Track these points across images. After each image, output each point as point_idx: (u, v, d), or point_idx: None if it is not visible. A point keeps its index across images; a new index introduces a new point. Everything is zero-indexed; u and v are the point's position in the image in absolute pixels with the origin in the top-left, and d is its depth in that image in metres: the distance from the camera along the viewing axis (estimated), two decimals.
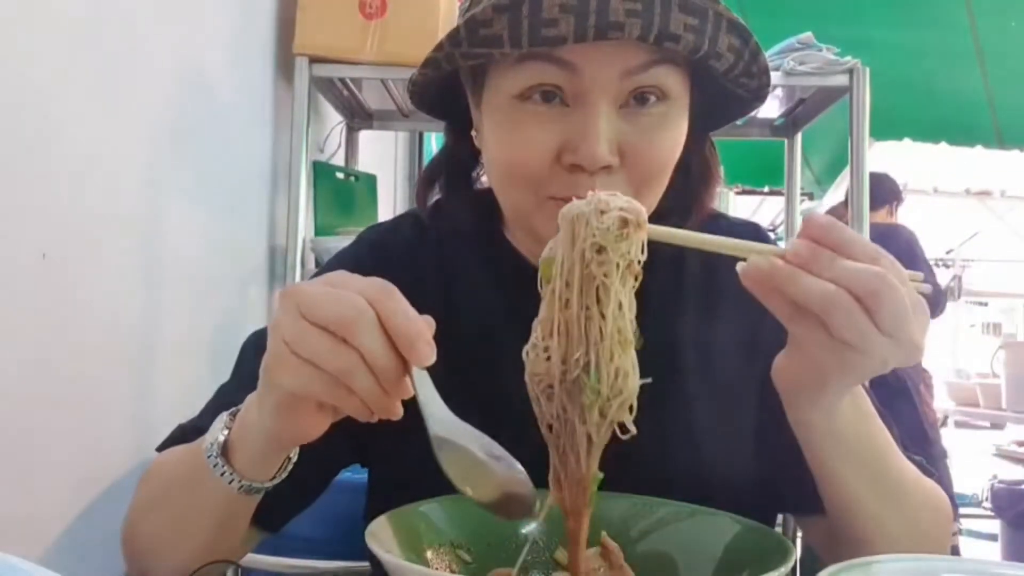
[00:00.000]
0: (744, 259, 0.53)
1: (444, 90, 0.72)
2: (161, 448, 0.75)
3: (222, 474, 0.59)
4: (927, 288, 0.53)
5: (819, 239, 0.51)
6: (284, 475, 0.62)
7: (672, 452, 0.73)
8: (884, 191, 3.72)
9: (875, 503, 0.63)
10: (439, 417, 0.52)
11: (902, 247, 3.58)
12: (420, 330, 0.51)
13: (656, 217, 0.71)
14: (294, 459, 0.62)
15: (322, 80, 1.83)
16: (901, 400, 3.25)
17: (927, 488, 0.69)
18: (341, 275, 0.54)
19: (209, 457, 0.60)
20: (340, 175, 2.08)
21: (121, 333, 1.17)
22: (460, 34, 0.63)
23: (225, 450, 0.60)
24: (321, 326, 0.50)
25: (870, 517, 0.64)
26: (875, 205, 3.57)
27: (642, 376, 0.55)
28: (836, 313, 0.49)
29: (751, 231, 0.83)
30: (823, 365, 0.53)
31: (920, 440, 3.27)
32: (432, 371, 0.54)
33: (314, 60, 1.72)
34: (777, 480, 0.74)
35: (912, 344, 0.50)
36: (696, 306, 0.78)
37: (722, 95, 0.70)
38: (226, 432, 0.60)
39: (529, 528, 0.65)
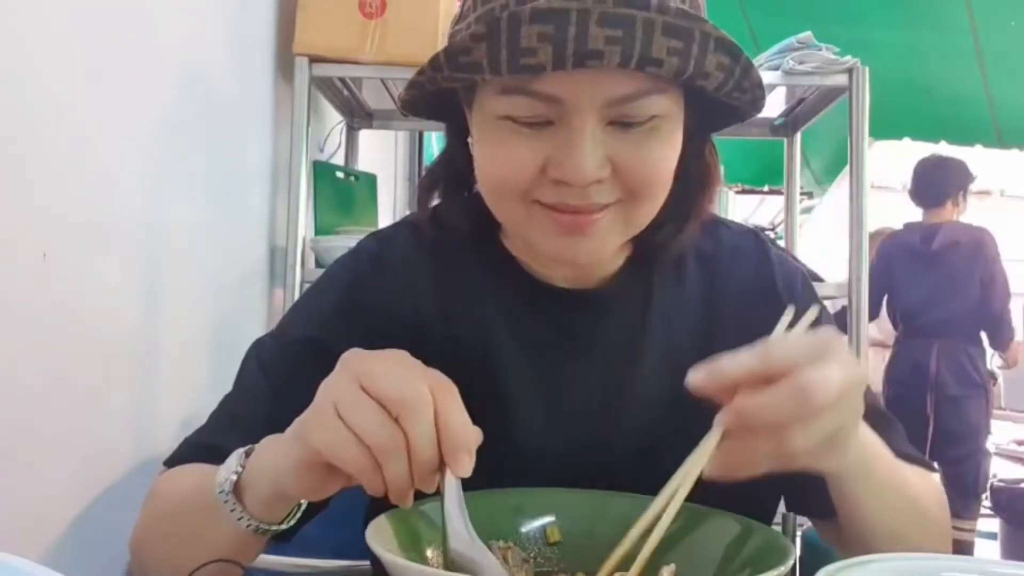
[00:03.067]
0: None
1: (441, 95, 0.72)
2: (169, 463, 0.75)
3: (232, 511, 0.60)
4: (814, 312, 0.58)
5: (723, 390, 0.53)
6: (294, 520, 0.63)
7: (672, 453, 0.73)
8: (944, 182, 3.31)
9: (884, 510, 0.66)
10: (460, 533, 0.53)
11: (983, 257, 3.27)
12: (469, 439, 0.52)
13: (656, 223, 0.71)
14: (304, 506, 0.63)
15: (322, 80, 1.83)
16: (979, 396, 3.26)
17: (928, 483, 0.72)
18: (405, 356, 0.55)
19: (220, 493, 0.60)
20: (340, 175, 2.08)
21: (121, 333, 1.17)
22: (440, 61, 0.62)
23: (237, 489, 0.60)
24: (377, 399, 0.51)
25: (879, 521, 0.66)
26: (935, 201, 3.31)
27: (643, 384, 0.55)
28: (801, 441, 0.50)
29: (751, 242, 0.82)
30: (823, 462, 0.55)
31: (984, 430, 3.31)
32: None
33: (314, 60, 1.72)
34: (792, 486, 0.75)
35: (856, 381, 0.52)
36: (699, 309, 0.78)
37: (717, 105, 0.69)
38: (239, 472, 0.60)
39: (530, 527, 0.66)
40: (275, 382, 0.74)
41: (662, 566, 0.59)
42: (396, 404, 0.50)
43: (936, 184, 3.34)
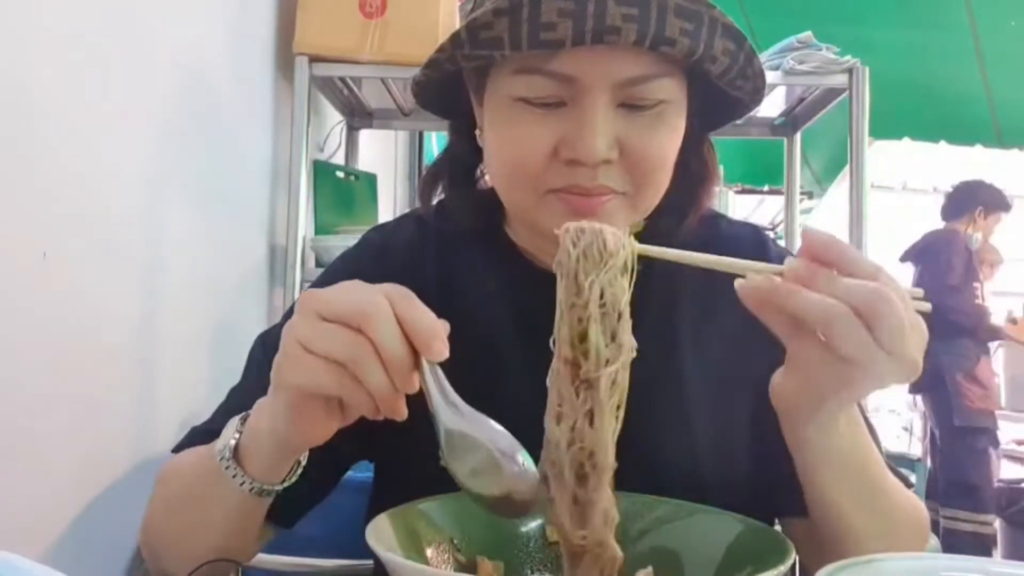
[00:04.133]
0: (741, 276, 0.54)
1: (448, 89, 0.73)
2: (176, 449, 0.76)
3: (234, 476, 0.61)
4: (926, 307, 0.54)
5: (818, 256, 0.52)
6: (295, 477, 0.63)
7: (667, 453, 0.73)
8: (965, 199, 3.63)
9: (860, 514, 0.64)
10: (452, 410, 0.53)
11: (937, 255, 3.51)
12: (436, 327, 0.53)
13: (655, 215, 0.72)
14: (304, 462, 0.64)
15: (322, 79, 1.83)
16: (937, 394, 3.46)
17: (909, 502, 0.70)
18: (358, 282, 0.56)
19: (221, 460, 0.61)
20: (340, 174, 2.08)
21: (121, 333, 1.17)
22: (462, 36, 0.63)
23: (237, 454, 0.61)
24: (337, 321, 0.52)
25: (852, 526, 0.64)
26: (948, 215, 3.63)
27: (643, 372, 0.55)
28: (836, 326, 0.50)
29: (750, 233, 0.83)
30: (822, 382, 0.54)
31: (947, 428, 3.48)
32: None
33: (314, 59, 1.72)
34: (762, 482, 0.74)
35: (911, 361, 0.51)
36: (692, 309, 0.78)
37: (719, 97, 0.71)
38: (237, 436, 0.61)
39: (530, 527, 0.66)
40: None
41: (639, 569, 0.59)
42: (354, 316, 0.51)
43: (957, 200, 3.63)
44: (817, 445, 0.60)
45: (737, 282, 0.53)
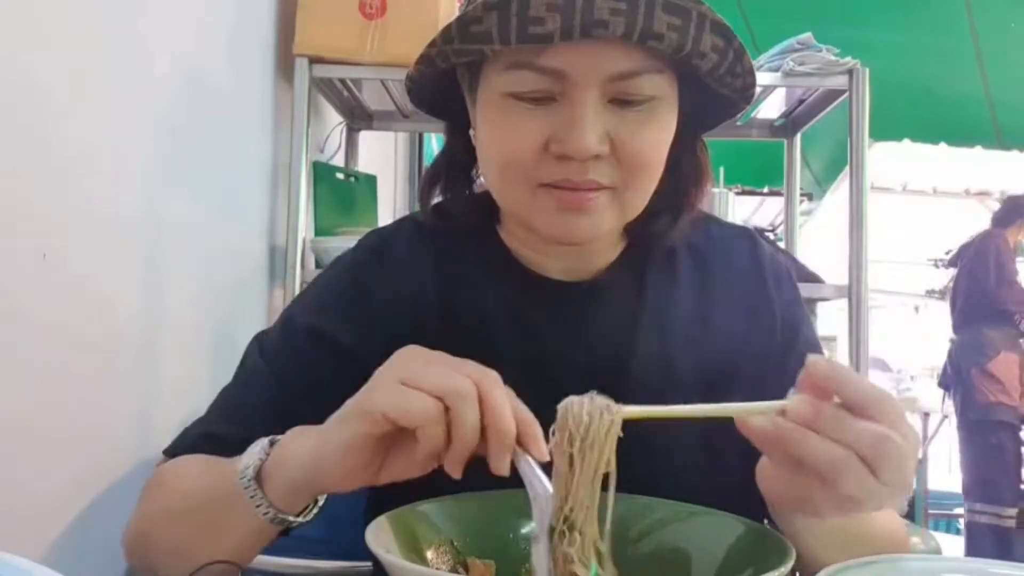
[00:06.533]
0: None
1: (443, 89, 0.73)
2: (169, 452, 0.75)
3: (252, 497, 0.60)
4: (922, 410, 0.55)
5: (820, 388, 0.51)
6: (310, 516, 0.63)
7: (664, 455, 0.73)
8: (1012, 211, 3.89)
9: (838, 557, 0.63)
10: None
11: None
12: (538, 429, 0.55)
13: (647, 216, 0.73)
14: (321, 503, 0.64)
15: (322, 80, 1.83)
16: (957, 386, 3.69)
17: (891, 540, 0.68)
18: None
19: (242, 480, 0.60)
20: (340, 175, 2.08)
21: (121, 333, 1.17)
22: (452, 31, 0.64)
23: (258, 476, 0.61)
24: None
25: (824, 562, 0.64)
26: (998, 223, 3.88)
27: (637, 372, 0.55)
28: (844, 474, 0.50)
29: (741, 235, 0.83)
30: (821, 510, 0.53)
31: (964, 415, 3.70)
32: None
33: (314, 60, 1.72)
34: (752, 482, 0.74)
35: (906, 486, 0.52)
36: (690, 300, 0.79)
37: (710, 95, 0.72)
38: (263, 458, 0.61)
39: (529, 528, 0.65)
40: (278, 371, 0.75)
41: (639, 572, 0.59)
42: (473, 374, 0.54)
43: (1007, 212, 3.94)
44: (807, 531, 0.62)
45: (738, 422, 0.53)
